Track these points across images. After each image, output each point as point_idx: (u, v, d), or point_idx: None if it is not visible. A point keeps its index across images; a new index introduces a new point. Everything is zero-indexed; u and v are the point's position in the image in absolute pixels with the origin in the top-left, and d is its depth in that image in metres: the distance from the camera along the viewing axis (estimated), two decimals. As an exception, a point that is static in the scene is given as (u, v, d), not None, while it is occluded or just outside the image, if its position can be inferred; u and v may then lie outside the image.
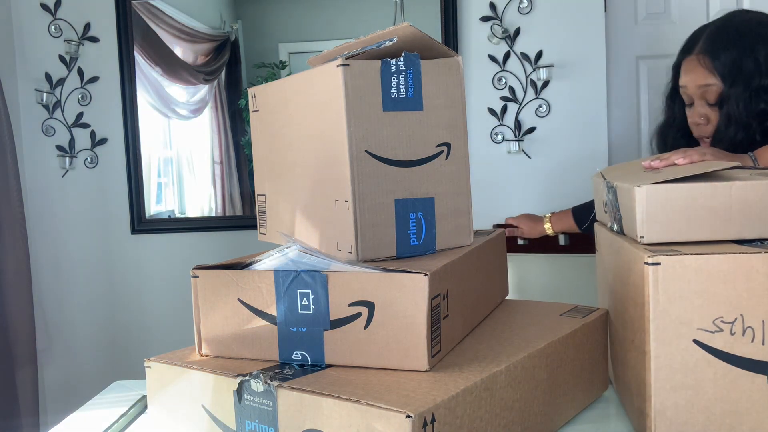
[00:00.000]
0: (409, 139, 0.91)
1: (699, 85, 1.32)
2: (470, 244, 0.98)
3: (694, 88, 1.32)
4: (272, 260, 0.85)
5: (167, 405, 0.90)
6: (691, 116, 1.35)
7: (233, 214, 2.57)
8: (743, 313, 0.79)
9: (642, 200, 0.87)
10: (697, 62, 1.33)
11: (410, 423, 0.66)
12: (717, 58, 1.30)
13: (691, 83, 1.33)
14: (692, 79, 1.32)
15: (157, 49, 2.47)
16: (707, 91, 1.31)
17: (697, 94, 1.32)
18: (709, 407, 0.81)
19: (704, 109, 1.32)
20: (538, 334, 0.93)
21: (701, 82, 1.31)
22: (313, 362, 0.83)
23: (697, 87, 1.32)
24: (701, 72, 1.31)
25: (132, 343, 2.52)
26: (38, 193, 2.49)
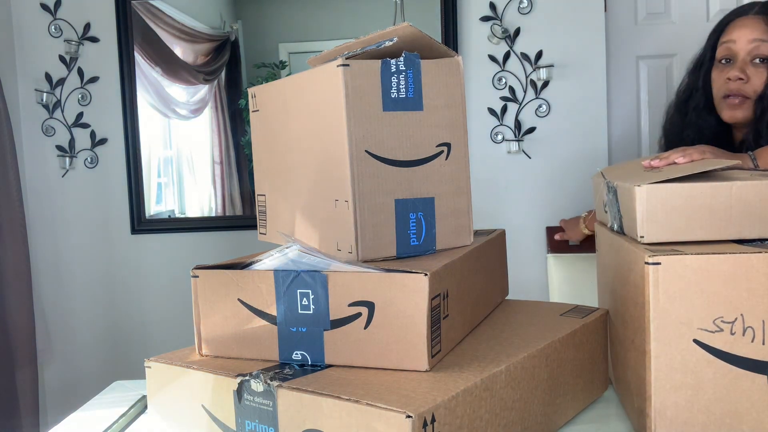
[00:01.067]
0: (409, 139, 0.91)
1: (753, 38, 1.29)
2: (470, 244, 0.98)
3: (745, 43, 1.29)
4: (272, 260, 0.85)
5: (167, 405, 0.90)
6: (730, 73, 1.30)
7: (233, 214, 2.57)
8: (743, 312, 0.79)
9: (642, 200, 0.87)
10: (754, 19, 1.31)
11: (410, 423, 0.66)
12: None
13: (744, 37, 1.30)
14: (745, 34, 1.30)
15: (157, 49, 2.47)
16: (759, 46, 1.28)
17: (746, 50, 1.29)
18: (709, 407, 0.81)
19: (747, 66, 1.29)
20: (538, 334, 0.93)
21: (756, 36, 1.29)
22: (313, 362, 0.83)
23: (749, 41, 1.29)
24: (759, 27, 1.29)
25: (132, 343, 2.52)
26: (38, 193, 2.49)
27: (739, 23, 1.33)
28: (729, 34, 1.33)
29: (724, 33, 1.35)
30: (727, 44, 1.32)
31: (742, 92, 1.29)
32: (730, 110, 1.30)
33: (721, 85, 1.32)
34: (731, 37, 1.32)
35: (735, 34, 1.31)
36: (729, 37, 1.32)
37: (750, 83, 1.28)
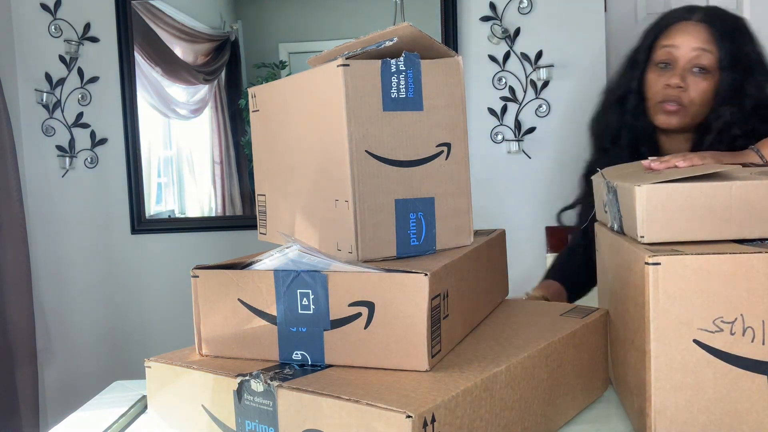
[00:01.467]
0: (409, 139, 0.91)
1: (695, 47, 1.26)
2: (470, 244, 0.98)
3: (688, 50, 1.26)
4: (272, 260, 0.85)
5: (167, 405, 0.90)
6: (670, 80, 1.27)
7: (233, 214, 2.57)
8: (743, 313, 0.79)
9: (642, 200, 0.87)
10: (698, 27, 1.28)
11: (410, 423, 0.66)
12: (719, 30, 1.26)
13: (686, 44, 1.26)
14: (688, 41, 1.26)
15: (157, 49, 2.47)
16: (701, 55, 1.25)
17: (688, 57, 1.26)
18: (709, 407, 0.81)
19: (687, 74, 1.27)
20: (538, 334, 0.93)
21: (699, 44, 1.26)
22: (313, 362, 0.83)
23: (691, 49, 1.26)
24: (702, 35, 1.26)
25: (132, 343, 2.52)
26: (38, 193, 2.49)
27: (682, 28, 1.29)
28: (671, 38, 1.29)
29: (664, 35, 1.31)
30: (668, 48, 1.28)
31: (680, 100, 1.27)
32: (665, 116, 1.28)
33: (659, 90, 1.29)
34: (674, 41, 1.28)
35: (678, 40, 1.28)
36: (671, 41, 1.29)
37: (687, 92, 1.26)
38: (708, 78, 1.26)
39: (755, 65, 1.28)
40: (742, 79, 1.26)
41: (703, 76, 1.26)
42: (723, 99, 1.26)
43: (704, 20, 1.28)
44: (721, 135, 1.27)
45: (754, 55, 1.29)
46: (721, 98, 1.26)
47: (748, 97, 1.26)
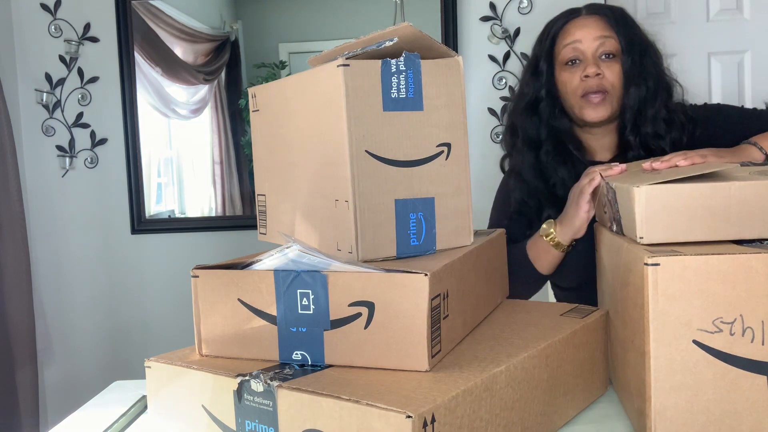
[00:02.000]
0: (409, 139, 0.91)
1: (598, 35, 1.28)
2: (470, 244, 0.98)
3: (591, 40, 1.28)
4: (272, 260, 0.85)
5: (167, 405, 0.90)
6: (587, 70, 1.28)
7: (233, 214, 2.57)
8: (743, 313, 0.79)
9: (641, 201, 0.87)
10: (591, 19, 1.31)
11: (410, 423, 0.66)
12: (610, 19, 1.30)
13: (588, 35, 1.28)
14: (589, 32, 1.28)
15: (157, 49, 2.47)
16: (605, 42, 1.28)
17: (593, 47, 1.28)
18: (709, 408, 0.81)
19: (598, 62, 1.28)
20: (538, 335, 0.93)
21: (600, 33, 1.28)
22: (313, 362, 0.83)
23: (594, 38, 1.28)
24: (599, 24, 1.29)
25: (132, 343, 2.52)
26: (38, 193, 2.49)
27: (578, 23, 1.31)
28: (571, 35, 1.30)
29: (562, 36, 1.32)
30: (571, 45, 1.29)
31: (602, 87, 1.28)
32: (593, 109, 1.28)
33: (579, 85, 1.29)
34: (575, 37, 1.29)
35: (578, 34, 1.29)
36: (572, 37, 1.30)
37: (606, 78, 1.28)
38: (616, 62, 1.29)
39: (648, 46, 1.32)
40: (641, 60, 1.29)
41: (613, 61, 1.29)
42: (629, 81, 1.28)
43: (593, 12, 1.32)
44: (638, 118, 1.29)
45: (643, 36, 1.33)
46: (627, 81, 1.28)
47: (650, 76, 1.29)
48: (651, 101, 1.29)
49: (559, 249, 1.27)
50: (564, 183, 1.31)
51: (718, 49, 2.45)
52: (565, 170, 1.32)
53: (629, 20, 1.34)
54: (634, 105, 1.29)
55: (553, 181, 1.33)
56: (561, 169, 1.32)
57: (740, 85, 2.46)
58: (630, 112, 1.29)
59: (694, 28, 2.45)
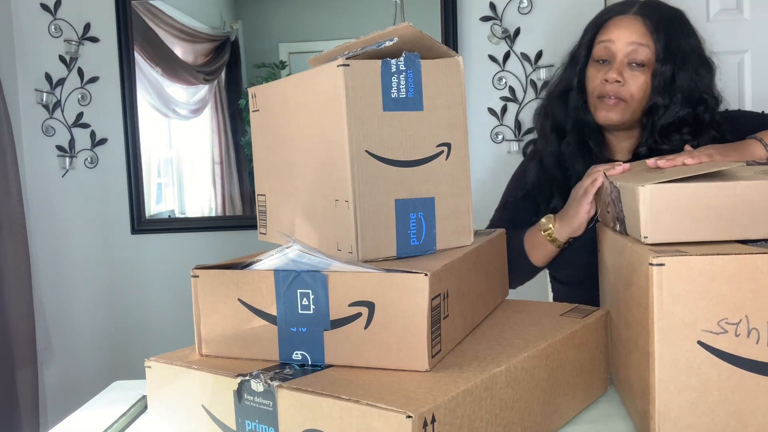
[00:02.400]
0: (409, 139, 0.91)
1: (631, 41, 1.26)
2: (470, 244, 0.98)
3: (624, 44, 1.26)
4: (272, 260, 0.85)
5: (167, 405, 0.89)
6: (607, 74, 1.27)
7: (233, 214, 2.57)
8: (748, 314, 0.78)
9: (646, 200, 0.86)
10: (633, 20, 1.28)
11: (410, 423, 0.66)
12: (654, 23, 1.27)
13: (622, 38, 1.26)
14: (624, 35, 1.26)
15: (157, 49, 2.47)
16: (637, 50, 1.26)
17: (624, 52, 1.26)
18: (714, 409, 0.80)
19: (624, 68, 1.27)
20: (538, 335, 0.93)
21: (635, 39, 1.26)
22: (313, 362, 0.83)
23: (627, 43, 1.26)
24: (638, 29, 1.26)
25: (132, 343, 2.52)
26: (38, 193, 2.49)
27: (618, 22, 1.29)
28: (608, 33, 1.29)
29: (602, 31, 1.30)
30: (605, 43, 1.28)
31: (618, 95, 1.26)
32: (605, 111, 1.28)
33: (598, 85, 1.29)
34: (610, 36, 1.28)
35: (614, 34, 1.28)
36: (607, 36, 1.28)
37: (626, 86, 1.26)
38: (645, 72, 1.27)
39: (690, 57, 1.29)
40: (675, 71, 1.27)
41: (641, 71, 1.27)
42: (656, 91, 1.27)
43: (640, 13, 1.29)
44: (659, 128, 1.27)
45: (689, 47, 1.30)
46: (653, 91, 1.27)
47: (679, 89, 1.27)
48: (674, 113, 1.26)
49: (554, 245, 1.27)
50: (579, 177, 1.30)
51: (718, 49, 2.44)
52: (582, 164, 1.31)
53: (678, 27, 1.29)
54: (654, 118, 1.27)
55: (569, 173, 1.32)
56: (578, 163, 1.32)
57: (740, 85, 2.46)
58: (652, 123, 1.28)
59: (695, 28, 2.44)
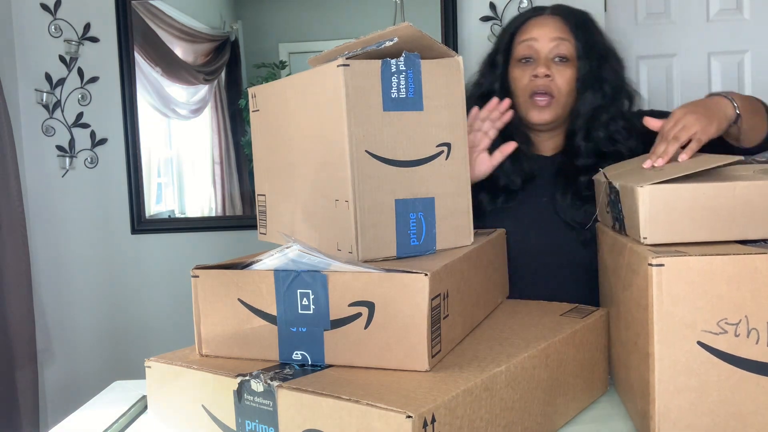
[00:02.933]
0: (409, 139, 0.91)
1: (554, 37, 1.29)
2: (470, 244, 0.98)
3: (547, 41, 1.29)
4: (272, 260, 0.85)
5: (167, 405, 0.89)
6: (537, 70, 1.28)
7: (233, 214, 2.57)
8: (748, 314, 0.78)
9: (645, 201, 0.86)
10: (552, 18, 1.31)
11: (410, 423, 0.66)
12: (571, 22, 1.31)
13: (545, 35, 1.29)
14: (546, 32, 1.29)
15: (157, 49, 2.47)
16: (560, 44, 1.28)
17: (548, 47, 1.29)
18: (714, 409, 0.80)
19: (550, 64, 1.29)
20: (538, 335, 0.93)
21: (557, 34, 1.29)
22: (313, 362, 0.83)
23: (551, 39, 1.28)
24: (558, 25, 1.30)
25: (132, 343, 2.52)
26: (38, 193, 2.49)
27: (538, 22, 1.32)
28: (528, 33, 1.31)
29: (520, 32, 1.33)
30: (527, 42, 1.30)
31: (549, 90, 1.28)
32: (538, 112, 1.29)
33: (527, 84, 1.30)
34: (532, 35, 1.30)
35: (535, 33, 1.30)
36: (529, 35, 1.31)
37: (555, 81, 1.28)
38: (570, 66, 1.29)
39: (608, 53, 1.33)
40: (599, 66, 1.30)
41: (566, 65, 1.29)
42: (585, 86, 1.29)
43: (556, 14, 1.33)
44: (592, 123, 1.30)
45: (604, 44, 1.34)
46: (583, 85, 1.30)
47: (607, 83, 1.30)
48: (606, 107, 1.30)
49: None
50: (507, 175, 1.32)
51: (718, 49, 2.45)
52: (508, 162, 1.31)
53: (591, 25, 1.34)
54: (587, 111, 1.30)
55: (496, 172, 1.32)
56: (505, 162, 1.32)
57: (740, 85, 2.46)
58: (582, 118, 1.30)
59: (694, 28, 2.45)
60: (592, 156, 1.29)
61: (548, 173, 1.33)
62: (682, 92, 2.47)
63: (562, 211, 1.29)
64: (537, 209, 1.30)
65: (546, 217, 1.30)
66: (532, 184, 1.33)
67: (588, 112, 1.30)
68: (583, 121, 1.30)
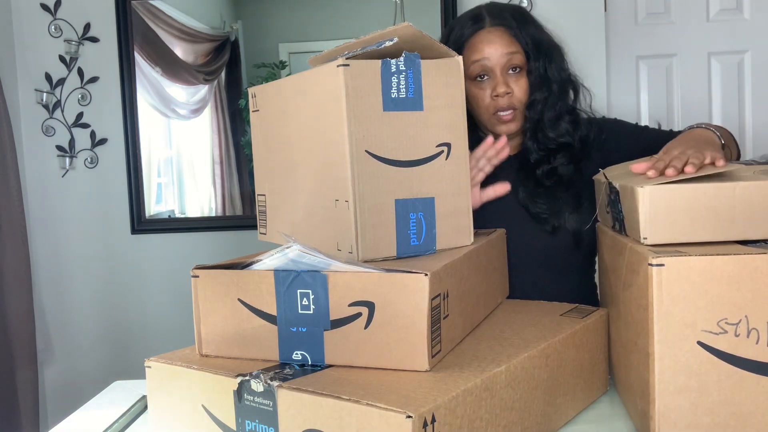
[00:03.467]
0: (409, 139, 0.91)
1: (504, 53, 1.28)
2: (470, 245, 0.98)
3: (499, 57, 1.28)
4: (272, 260, 0.85)
5: (167, 405, 0.89)
6: (497, 89, 1.28)
7: (233, 214, 2.57)
8: (748, 314, 0.78)
9: (645, 201, 0.86)
10: (497, 32, 1.30)
11: (410, 423, 0.66)
12: (513, 28, 1.30)
13: (495, 53, 1.28)
14: (496, 49, 1.28)
15: (157, 49, 2.47)
16: (512, 58, 1.28)
17: (501, 63, 1.28)
18: (714, 409, 0.80)
19: (506, 78, 1.29)
20: (538, 335, 0.93)
21: (506, 49, 1.28)
22: (313, 362, 0.83)
23: (502, 55, 1.28)
24: (505, 39, 1.29)
25: (132, 343, 2.52)
26: (38, 193, 2.49)
27: (484, 38, 1.30)
28: (478, 52, 1.30)
29: (468, 50, 1.31)
30: (480, 62, 1.29)
31: (512, 105, 1.29)
32: (504, 126, 1.31)
33: (489, 103, 1.30)
34: (483, 54, 1.29)
35: (486, 51, 1.29)
36: (480, 54, 1.29)
37: (514, 95, 1.30)
38: (522, 75, 1.31)
39: (551, 49, 1.34)
40: (545, 64, 1.31)
41: (519, 74, 1.30)
42: (533, 88, 1.31)
43: (497, 24, 1.31)
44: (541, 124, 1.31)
45: (545, 39, 1.34)
46: (532, 88, 1.31)
47: (553, 82, 1.32)
48: (554, 104, 1.31)
49: None
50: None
51: (718, 49, 2.45)
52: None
53: (531, 25, 1.34)
54: (537, 113, 1.31)
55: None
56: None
57: (740, 85, 2.46)
58: (532, 121, 1.32)
59: (694, 28, 2.45)
60: (545, 151, 1.32)
61: (513, 171, 1.34)
62: (682, 92, 2.47)
63: (525, 202, 1.30)
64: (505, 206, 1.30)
65: (514, 212, 1.30)
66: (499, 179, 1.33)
67: (537, 113, 1.31)
68: (532, 124, 1.32)
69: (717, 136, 1.13)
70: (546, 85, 1.31)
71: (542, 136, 1.32)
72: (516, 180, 1.32)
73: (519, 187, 1.31)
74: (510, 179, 1.29)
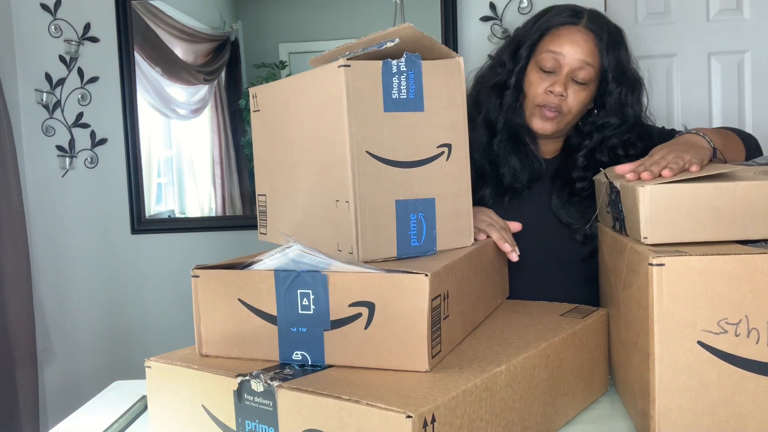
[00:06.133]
0: (410, 140, 0.91)
1: (580, 58, 1.26)
2: (471, 245, 0.98)
3: (573, 60, 1.26)
4: (272, 260, 0.85)
5: (167, 405, 0.89)
6: (554, 87, 1.26)
7: (233, 214, 2.57)
8: (748, 314, 0.78)
9: (646, 200, 0.86)
10: (585, 35, 1.27)
11: (410, 423, 0.66)
12: (604, 42, 1.28)
13: (572, 54, 1.26)
14: (575, 51, 1.26)
15: (157, 49, 2.47)
16: (583, 68, 1.26)
17: (571, 66, 1.26)
18: (714, 409, 0.80)
19: (569, 83, 1.27)
20: (538, 335, 0.93)
21: (583, 57, 1.26)
22: (313, 362, 0.83)
23: (576, 60, 1.26)
24: (588, 46, 1.26)
25: (132, 343, 2.52)
26: (38, 193, 2.49)
27: (569, 35, 1.27)
28: (558, 44, 1.27)
29: (550, 37, 1.29)
30: (554, 55, 1.27)
31: (559, 108, 1.27)
32: (541, 122, 1.29)
33: (540, 94, 1.28)
34: (561, 50, 1.27)
35: (564, 48, 1.26)
36: (558, 48, 1.27)
37: (567, 101, 1.27)
38: (586, 89, 1.28)
39: (635, 81, 1.33)
40: (626, 94, 1.31)
41: (582, 88, 1.28)
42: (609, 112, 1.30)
43: (591, 28, 1.28)
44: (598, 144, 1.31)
45: (630, 69, 1.33)
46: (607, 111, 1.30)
47: (628, 114, 1.31)
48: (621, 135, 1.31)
49: None
50: (514, 173, 1.32)
51: (718, 49, 2.45)
52: (517, 160, 1.32)
53: (623, 50, 1.32)
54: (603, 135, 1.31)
55: (503, 170, 1.32)
56: (513, 159, 1.31)
57: (740, 85, 2.46)
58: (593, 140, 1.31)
59: (694, 28, 2.45)
60: (590, 171, 1.29)
61: (547, 176, 1.33)
62: (682, 92, 2.47)
63: (558, 211, 1.30)
64: (536, 209, 1.31)
65: (544, 217, 1.30)
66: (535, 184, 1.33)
67: (601, 136, 1.30)
68: (594, 143, 1.31)
69: (707, 141, 1.11)
70: (621, 114, 1.30)
71: (596, 160, 1.30)
72: (550, 186, 1.32)
73: (553, 195, 1.31)
74: (542, 182, 1.29)
